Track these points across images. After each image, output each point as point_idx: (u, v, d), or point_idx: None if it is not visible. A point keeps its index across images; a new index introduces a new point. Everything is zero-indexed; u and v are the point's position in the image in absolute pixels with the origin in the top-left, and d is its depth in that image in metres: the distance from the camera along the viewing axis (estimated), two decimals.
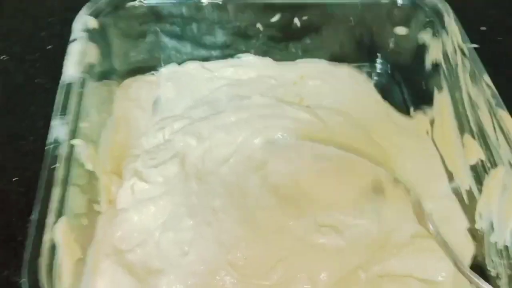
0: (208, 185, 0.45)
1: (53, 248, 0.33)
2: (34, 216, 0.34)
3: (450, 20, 0.49)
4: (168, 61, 0.57)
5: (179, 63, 0.57)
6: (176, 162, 0.47)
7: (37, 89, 0.56)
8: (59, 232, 0.34)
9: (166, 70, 0.57)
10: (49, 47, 0.61)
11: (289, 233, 0.43)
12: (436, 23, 0.50)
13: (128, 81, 0.55)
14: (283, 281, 0.40)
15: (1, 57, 0.59)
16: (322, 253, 0.42)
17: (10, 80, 0.58)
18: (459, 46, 0.47)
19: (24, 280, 0.31)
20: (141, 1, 0.50)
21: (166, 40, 0.56)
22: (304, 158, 0.48)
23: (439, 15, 0.50)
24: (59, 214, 0.35)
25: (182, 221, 0.43)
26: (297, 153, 0.48)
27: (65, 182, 0.36)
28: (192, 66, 0.57)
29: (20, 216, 0.46)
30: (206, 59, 0.58)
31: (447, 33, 0.49)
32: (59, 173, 0.36)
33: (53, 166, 0.36)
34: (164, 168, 0.46)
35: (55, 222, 0.34)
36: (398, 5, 0.54)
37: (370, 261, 0.42)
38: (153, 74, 0.57)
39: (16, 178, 0.48)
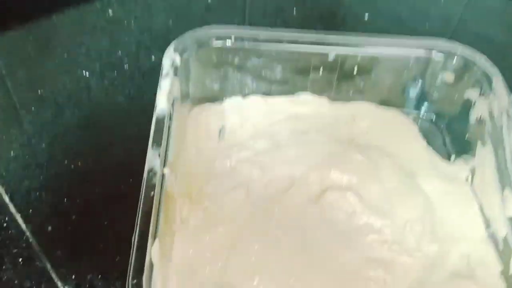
0: (271, 214, 0.51)
1: (151, 268, 0.39)
2: (135, 238, 0.39)
3: (498, 82, 0.54)
4: (233, 93, 0.63)
5: (243, 96, 0.63)
6: (242, 189, 0.52)
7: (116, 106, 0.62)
8: (154, 253, 0.39)
9: (231, 101, 0.63)
10: (126, 67, 0.67)
11: (341, 265, 0.48)
12: (484, 84, 0.55)
13: (198, 108, 0.61)
14: None
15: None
16: (369, 286, 0.47)
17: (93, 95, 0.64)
18: (506, 109, 0.52)
19: None
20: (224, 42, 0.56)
21: (231, 73, 0.62)
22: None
23: (488, 77, 0.55)
24: (155, 237, 0.40)
25: (248, 245, 0.48)
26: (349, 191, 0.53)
27: (159, 207, 0.42)
28: (254, 99, 0.63)
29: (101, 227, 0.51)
30: (266, 94, 0.64)
31: (495, 96, 0.54)
32: (155, 199, 0.42)
33: (151, 194, 0.41)
34: (232, 194, 0.52)
35: (152, 245, 0.39)
36: (451, 60, 0.59)
37: None
38: (220, 103, 0.62)
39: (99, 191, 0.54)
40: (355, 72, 0.61)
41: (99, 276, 0.48)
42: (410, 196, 0.54)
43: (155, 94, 0.50)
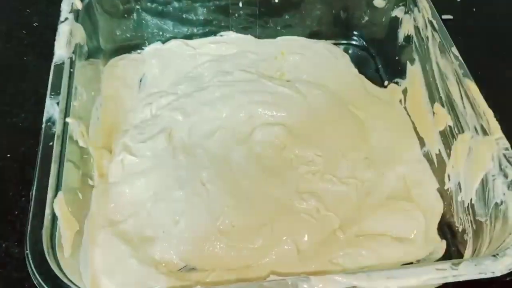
0: (195, 158, 0.48)
1: (53, 221, 0.36)
2: (34, 191, 0.36)
3: None
4: (152, 40, 0.59)
5: (163, 42, 0.59)
6: (163, 136, 0.49)
7: (26, 66, 0.58)
8: (57, 206, 0.36)
9: (150, 49, 0.59)
10: (35, 24, 0.62)
11: (273, 200, 0.46)
12: (408, 0, 0.53)
13: (114, 60, 0.57)
14: (268, 244, 0.43)
15: None
16: (304, 217, 0.45)
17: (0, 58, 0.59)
18: (429, 20, 0.50)
19: (27, 252, 0.33)
20: None
21: (148, 18, 0.58)
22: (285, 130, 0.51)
23: None
24: (57, 189, 0.37)
25: (172, 192, 0.45)
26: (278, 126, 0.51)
27: (61, 159, 0.38)
28: (175, 44, 0.59)
29: (15, 191, 0.48)
30: (188, 37, 0.60)
31: (419, 10, 0.51)
32: (55, 151, 0.38)
33: (49, 144, 0.38)
34: (152, 143, 0.49)
35: (53, 197, 0.36)
36: None
37: (348, 222, 0.46)
38: (138, 52, 0.58)
39: (9, 154, 0.50)
40: (277, 2, 0.58)
41: (16, 243, 0.45)
42: (342, 125, 0.52)
43: None
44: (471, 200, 0.43)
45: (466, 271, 0.33)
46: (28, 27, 0.62)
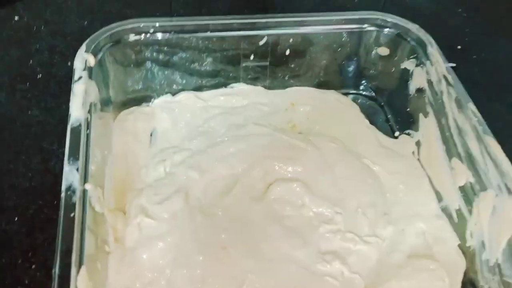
0: (213, 219, 0.46)
1: None
2: (57, 269, 0.34)
3: (433, 50, 0.52)
4: (161, 92, 0.58)
5: (173, 94, 0.58)
6: (180, 196, 0.47)
7: (30, 121, 0.56)
8: (81, 284, 0.34)
9: (160, 101, 0.58)
10: (39, 76, 0.60)
11: (295, 263, 0.44)
12: (419, 53, 0.53)
13: (124, 113, 0.55)
14: None
15: None
16: (329, 281, 0.44)
17: (3, 111, 0.57)
18: (443, 75, 0.50)
19: None
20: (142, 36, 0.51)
21: (156, 69, 0.57)
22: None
23: (422, 46, 0.53)
24: (80, 265, 0.35)
25: (192, 257, 0.43)
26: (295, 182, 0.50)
27: (82, 229, 0.37)
28: (185, 96, 0.58)
29: (25, 258, 0.45)
30: (197, 88, 0.59)
31: (431, 63, 0.52)
32: (77, 221, 0.36)
33: (71, 215, 0.36)
34: (168, 204, 0.47)
35: (77, 274, 0.34)
36: (384, 32, 0.56)
37: (372, 284, 0.45)
38: (147, 105, 0.57)
39: (17, 218, 0.48)
40: (287, 54, 0.57)
41: None
42: (359, 181, 0.51)
43: None
44: (497, 259, 0.42)
45: None
46: (31, 79, 0.60)
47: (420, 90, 0.54)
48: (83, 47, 0.49)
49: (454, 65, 0.51)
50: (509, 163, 0.43)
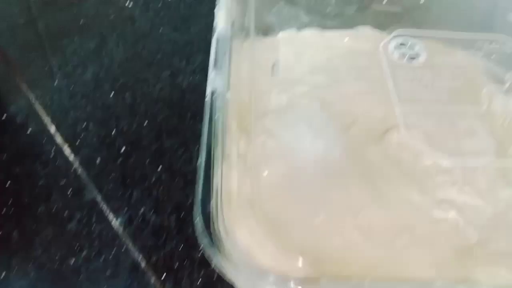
0: (332, 150, 0.47)
1: (217, 198, 0.36)
2: (201, 161, 0.36)
3: None
4: (286, 27, 0.59)
5: (298, 28, 0.59)
6: (302, 125, 0.48)
7: (162, 38, 0.58)
8: (217, 182, 0.37)
9: (285, 34, 0.58)
10: None
11: (412, 207, 0.44)
12: None
13: (250, 41, 0.56)
14: (405, 249, 0.42)
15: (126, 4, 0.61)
16: (442, 228, 0.44)
17: (138, 25, 0.60)
18: None
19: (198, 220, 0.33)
20: None
21: (283, 3, 0.58)
22: None
23: None
24: (222, 162, 0.37)
25: (310, 181, 0.45)
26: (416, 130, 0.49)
27: (223, 131, 0.39)
28: (310, 33, 0.58)
29: (152, 159, 0.49)
30: (322, 27, 0.59)
31: None
32: (219, 123, 0.38)
33: (216, 116, 0.38)
34: (290, 129, 0.48)
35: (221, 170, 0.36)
36: None
37: (485, 239, 0.44)
38: (273, 37, 0.58)
39: (147, 122, 0.51)
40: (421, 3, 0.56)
41: (152, 210, 0.45)
42: (481, 140, 0.50)
43: (200, 26, 0.46)
44: None
45: None
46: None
47: None
48: None
49: None
50: None
